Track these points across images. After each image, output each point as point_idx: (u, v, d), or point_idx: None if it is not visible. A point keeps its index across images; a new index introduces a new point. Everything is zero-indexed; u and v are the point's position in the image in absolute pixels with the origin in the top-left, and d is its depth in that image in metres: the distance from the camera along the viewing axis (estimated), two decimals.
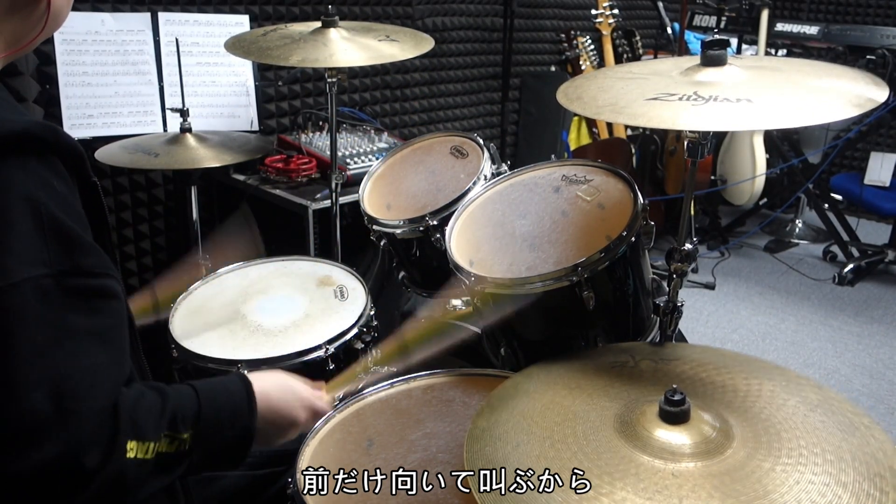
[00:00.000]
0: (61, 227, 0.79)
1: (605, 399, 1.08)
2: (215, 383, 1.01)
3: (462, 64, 3.62)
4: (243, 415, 1.00)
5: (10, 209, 0.76)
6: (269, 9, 2.80)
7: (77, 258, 0.80)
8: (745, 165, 3.95)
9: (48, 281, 0.77)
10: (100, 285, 0.83)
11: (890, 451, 0.97)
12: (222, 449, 0.98)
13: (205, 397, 0.95)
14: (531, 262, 1.41)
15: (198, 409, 0.93)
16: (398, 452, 1.21)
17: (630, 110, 1.16)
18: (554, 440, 0.99)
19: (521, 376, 1.18)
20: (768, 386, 1.12)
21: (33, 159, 0.78)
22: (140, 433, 0.83)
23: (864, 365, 2.94)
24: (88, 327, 0.80)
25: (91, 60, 2.26)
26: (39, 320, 0.76)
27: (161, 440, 0.86)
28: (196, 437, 0.91)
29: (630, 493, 0.88)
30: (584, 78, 1.37)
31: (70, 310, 0.79)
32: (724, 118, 1.11)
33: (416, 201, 1.75)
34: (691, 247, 1.37)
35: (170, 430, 0.88)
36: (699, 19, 4.11)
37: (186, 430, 0.90)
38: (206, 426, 0.93)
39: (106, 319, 0.83)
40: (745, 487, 0.89)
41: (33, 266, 0.76)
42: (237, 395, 1.01)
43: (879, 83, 1.18)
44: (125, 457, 0.81)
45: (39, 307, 0.76)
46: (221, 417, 0.96)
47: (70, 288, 0.79)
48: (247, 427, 1.00)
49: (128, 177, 2.59)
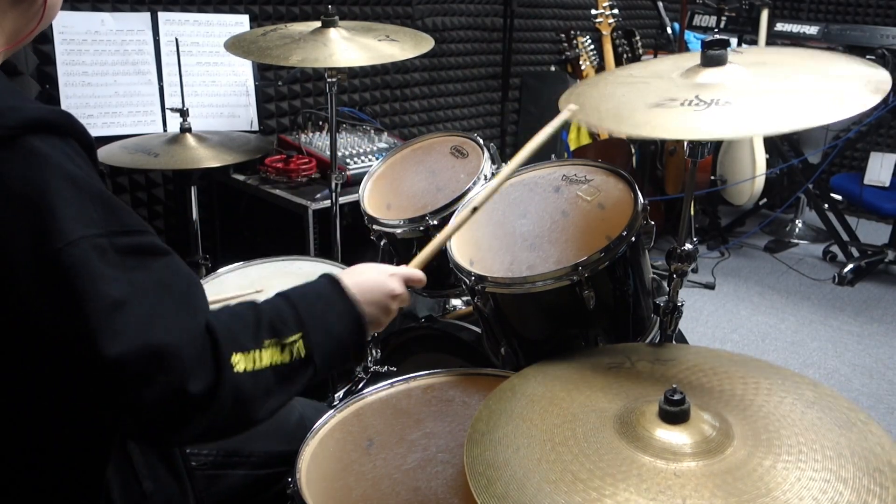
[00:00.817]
0: (101, 192, 0.81)
1: (603, 400, 1.08)
2: (304, 287, 1.01)
3: (462, 64, 3.62)
4: (346, 306, 1.00)
5: (51, 179, 0.77)
6: (269, 9, 2.80)
7: (122, 218, 0.82)
8: (744, 165, 3.95)
9: (103, 240, 0.78)
10: (149, 242, 0.84)
11: (888, 446, 0.98)
12: (341, 344, 0.98)
13: (299, 301, 0.96)
14: (531, 262, 1.41)
15: (297, 313, 0.94)
16: (398, 452, 1.21)
17: (633, 120, 1.15)
18: (555, 443, 0.98)
19: (518, 378, 1.17)
20: (765, 384, 1.13)
21: (56, 139, 0.80)
22: (241, 345, 0.85)
23: (864, 365, 2.94)
24: (152, 281, 0.81)
25: (91, 60, 2.26)
26: (105, 275, 0.77)
27: (267, 349, 0.88)
28: (309, 340, 0.92)
29: (633, 494, 0.88)
30: (585, 85, 1.36)
31: (129, 267, 0.80)
32: (725, 124, 1.09)
33: (416, 201, 1.75)
34: (691, 247, 1.37)
35: (272, 336, 0.89)
36: (699, 19, 4.11)
37: (292, 334, 0.91)
38: (314, 325, 0.94)
39: (165, 271, 0.84)
40: (747, 486, 0.89)
41: (86, 226, 0.78)
42: (329, 291, 1.02)
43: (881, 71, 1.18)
44: (234, 371, 0.83)
45: (101, 264, 0.77)
46: (326, 314, 0.97)
47: (123, 246, 0.80)
48: (356, 315, 1.00)
49: (128, 177, 2.59)
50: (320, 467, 1.19)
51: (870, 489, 0.89)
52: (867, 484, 0.90)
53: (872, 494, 0.89)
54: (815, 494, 0.88)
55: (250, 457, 1.27)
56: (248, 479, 1.27)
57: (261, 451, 1.28)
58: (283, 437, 1.30)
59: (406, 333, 1.87)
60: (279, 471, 1.28)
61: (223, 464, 1.25)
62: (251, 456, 1.27)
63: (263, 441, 1.28)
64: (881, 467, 0.93)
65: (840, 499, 0.88)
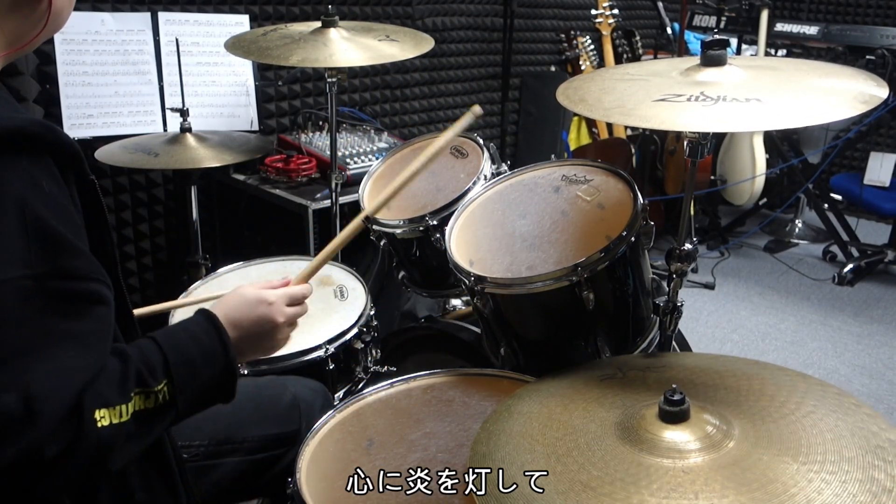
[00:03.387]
0: (46, 229, 0.78)
1: (601, 410, 1.08)
2: (177, 328, 0.99)
3: (462, 64, 3.62)
4: (216, 351, 0.98)
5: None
6: (269, 9, 2.80)
7: (61, 261, 0.79)
8: (744, 165, 3.95)
9: (28, 283, 0.76)
10: (85, 289, 0.81)
11: (884, 425, 1.00)
12: (206, 387, 0.96)
13: (167, 344, 0.93)
14: (531, 262, 1.41)
15: (164, 358, 0.91)
16: (398, 452, 1.21)
17: (639, 112, 1.15)
18: (559, 455, 0.98)
19: (513, 399, 1.16)
20: (757, 379, 1.14)
21: (25, 158, 0.77)
22: (106, 401, 0.82)
23: (864, 365, 2.94)
24: (67, 331, 0.79)
25: (91, 60, 2.26)
26: (17, 322, 0.75)
27: (132, 400, 0.85)
28: (173, 385, 0.90)
29: (645, 495, 0.88)
30: (581, 79, 1.37)
31: (50, 313, 0.78)
32: (736, 118, 1.10)
33: (416, 201, 1.75)
34: (691, 247, 1.37)
35: (138, 386, 0.87)
36: (699, 19, 4.11)
37: (158, 383, 0.89)
38: (180, 371, 0.92)
39: (87, 324, 0.81)
40: (755, 475, 0.90)
41: (14, 267, 0.75)
42: (203, 332, 0.99)
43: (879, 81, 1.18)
44: (96, 426, 0.80)
45: (18, 309, 0.75)
46: (193, 358, 0.95)
47: (52, 290, 0.78)
48: (224, 360, 0.98)
49: (128, 177, 2.59)
50: (320, 467, 1.19)
51: (874, 465, 0.92)
52: (871, 460, 0.93)
53: (878, 469, 0.91)
54: (824, 476, 0.90)
55: (244, 442, 1.26)
56: (243, 465, 1.25)
57: (255, 435, 1.27)
58: (277, 419, 1.30)
59: (406, 333, 1.87)
60: (275, 453, 1.27)
61: (216, 453, 1.24)
62: (245, 441, 1.26)
63: (257, 425, 1.28)
64: (881, 444, 0.96)
65: (847, 476, 0.90)
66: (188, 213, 2.22)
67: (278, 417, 1.30)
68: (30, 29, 0.89)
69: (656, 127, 1.11)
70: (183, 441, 1.20)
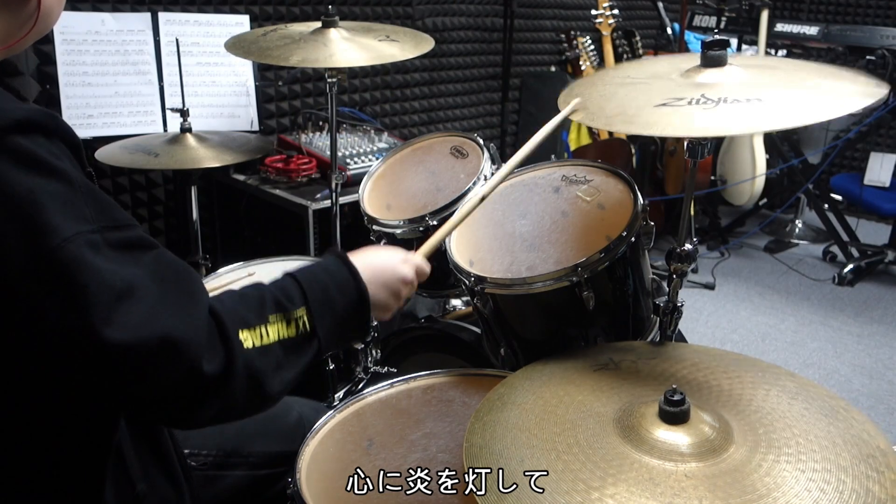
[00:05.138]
0: (90, 189, 0.81)
1: (597, 404, 1.07)
2: (311, 265, 1.03)
3: (462, 64, 3.62)
4: (348, 280, 1.01)
5: (39, 178, 0.77)
6: (269, 9, 2.80)
7: (113, 214, 0.82)
8: (744, 166, 3.95)
9: (95, 236, 0.79)
10: (138, 237, 0.84)
11: (873, 432, 1.00)
12: (343, 319, 0.99)
13: (303, 277, 0.97)
14: (531, 263, 1.41)
15: (300, 288, 0.95)
16: (398, 452, 1.21)
17: (641, 119, 1.14)
18: (559, 451, 0.97)
19: (505, 388, 1.15)
20: (748, 378, 1.13)
21: (42, 138, 0.80)
22: (246, 322, 0.86)
23: (864, 365, 2.94)
24: (147, 273, 0.81)
25: (91, 60, 2.26)
26: (104, 269, 0.77)
27: (273, 323, 0.89)
28: (312, 314, 0.93)
29: (650, 499, 0.88)
30: (580, 85, 1.35)
31: (123, 261, 0.80)
32: (737, 120, 1.09)
33: (416, 201, 1.75)
34: (691, 247, 1.36)
35: (277, 311, 0.90)
36: (699, 19, 4.12)
37: (296, 308, 0.92)
38: (317, 300, 0.95)
39: (155, 265, 0.84)
40: (756, 483, 0.90)
41: (79, 223, 0.78)
42: (334, 266, 1.03)
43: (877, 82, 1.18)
44: (244, 348, 0.84)
45: (97, 259, 0.77)
46: (328, 288, 0.98)
47: (115, 241, 0.80)
48: (358, 290, 1.01)
49: (128, 177, 2.59)
50: (320, 467, 1.19)
51: (868, 475, 0.91)
52: (864, 469, 0.92)
53: (872, 480, 0.90)
54: (822, 486, 0.89)
55: (249, 457, 1.27)
56: (247, 479, 1.26)
57: (259, 451, 1.28)
58: (282, 437, 1.30)
59: (406, 333, 1.87)
60: (278, 471, 1.28)
61: (222, 464, 1.25)
62: (250, 456, 1.27)
63: (262, 441, 1.29)
64: (872, 452, 0.95)
65: (844, 487, 0.89)
66: (188, 214, 2.22)
67: (283, 435, 1.31)
68: (17, 29, 0.88)
69: (659, 134, 1.11)
70: (192, 449, 1.21)
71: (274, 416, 1.33)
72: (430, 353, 1.83)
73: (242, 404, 0.87)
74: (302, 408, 1.38)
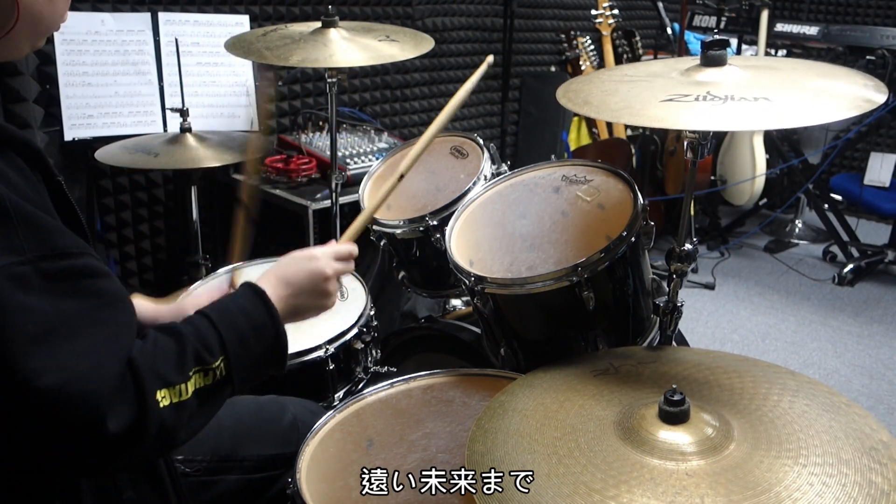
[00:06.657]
0: (28, 214, 0.77)
1: (597, 408, 1.07)
2: (226, 302, 1.00)
3: (462, 64, 3.62)
4: (265, 324, 1.00)
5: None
6: (269, 9, 2.80)
7: (53, 241, 0.79)
8: (745, 166, 3.95)
9: (24, 268, 0.75)
10: (82, 265, 0.81)
11: (875, 426, 1.00)
12: (259, 362, 0.98)
13: (222, 323, 0.95)
14: (531, 263, 1.42)
15: (219, 337, 0.93)
16: (398, 452, 1.21)
17: (649, 112, 1.14)
18: (560, 456, 0.97)
19: (506, 395, 1.16)
20: (748, 377, 1.13)
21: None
22: (167, 380, 0.84)
23: (864, 365, 2.94)
24: (79, 309, 0.79)
25: (91, 60, 2.26)
26: (24, 308, 0.75)
27: (192, 378, 0.87)
28: (230, 363, 0.92)
29: (651, 499, 0.88)
30: (580, 82, 1.35)
31: (55, 294, 0.77)
32: (748, 117, 1.09)
33: (416, 201, 1.75)
34: (691, 247, 1.37)
35: (197, 364, 0.89)
36: (699, 19, 4.11)
37: (216, 359, 0.91)
38: (234, 347, 0.93)
39: (94, 299, 0.81)
40: (759, 478, 0.90)
41: (4, 255, 0.75)
42: (251, 305, 1.01)
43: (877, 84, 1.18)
44: (159, 407, 0.82)
45: (20, 295, 0.75)
46: (245, 334, 0.96)
47: (50, 272, 0.77)
48: (275, 330, 1.00)
49: (128, 177, 2.59)
50: (320, 467, 1.19)
51: (870, 467, 0.92)
52: (867, 462, 0.92)
53: (875, 472, 0.91)
54: (825, 479, 0.90)
55: (244, 461, 1.26)
56: (242, 483, 1.25)
57: (254, 454, 1.27)
58: (276, 440, 1.29)
59: (406, 333, 1.87)
60: (273, 474, 1.27)
61: (216, 469, 1.23)
62: (244, 460, 1.26)
63: (256, 445, 1.28)
64: (875, 445, 0.96)
65: (846, 479, 0.90)
66: (188, 213, 2.22)
67: (278, 438, 1.30)
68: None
69: (670, 127, 1.10)
70: (185, 455, 1.20)
71: (269, 418, 1.33)
72: (430, 353, 1.83)
73: (151, 454, 0.86)
74: (297, 409, 1.37)
